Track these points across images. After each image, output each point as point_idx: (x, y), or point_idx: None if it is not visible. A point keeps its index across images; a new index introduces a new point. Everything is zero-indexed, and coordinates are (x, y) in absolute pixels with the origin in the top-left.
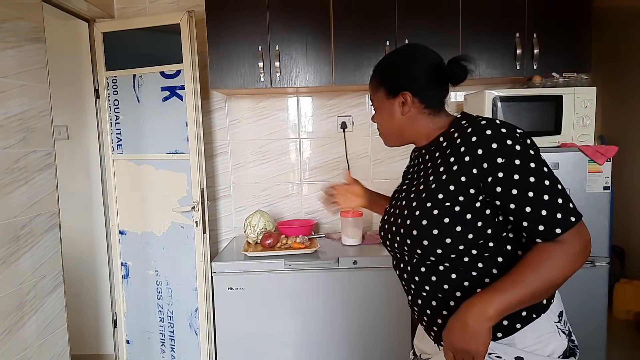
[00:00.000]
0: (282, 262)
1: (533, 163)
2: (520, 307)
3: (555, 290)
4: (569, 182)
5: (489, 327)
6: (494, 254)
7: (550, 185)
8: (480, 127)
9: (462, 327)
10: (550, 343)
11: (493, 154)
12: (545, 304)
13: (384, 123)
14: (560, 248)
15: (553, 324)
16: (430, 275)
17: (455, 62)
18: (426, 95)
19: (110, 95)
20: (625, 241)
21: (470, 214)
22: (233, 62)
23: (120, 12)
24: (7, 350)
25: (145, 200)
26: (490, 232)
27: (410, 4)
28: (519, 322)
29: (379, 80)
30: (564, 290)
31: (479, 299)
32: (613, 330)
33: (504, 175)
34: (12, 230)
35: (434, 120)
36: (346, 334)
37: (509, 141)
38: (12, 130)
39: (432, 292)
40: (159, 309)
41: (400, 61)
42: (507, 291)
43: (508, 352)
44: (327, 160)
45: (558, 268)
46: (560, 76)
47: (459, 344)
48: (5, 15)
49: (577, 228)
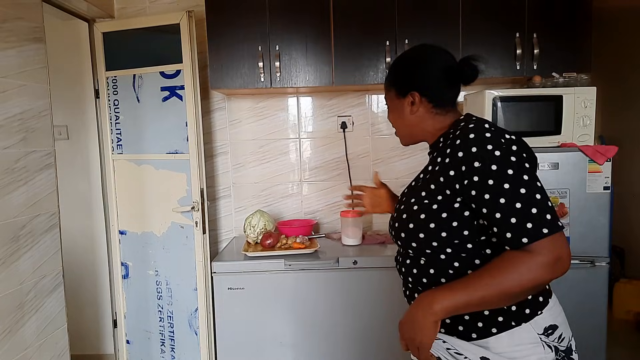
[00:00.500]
0: (282, 262)
1: (511, 170)
2: (469, 310)
3: (513, 300)
4: (569, 182)
5: (433, 322)
6: (471, 255)
7: (526, 194)
8: (466, 130)
9: (410, 318)
10: (531, 355)
11: (471, 158)
12: (528, 313)
13: (396, 122)
14: (525, 258)
15: (536, 335)
16: (413, 268)
17: (466, 62)
18: (435, 95)
19: (110, 95)
20: (625, 241)
21: (446, 213)
22: (233, 62)
23: (120, 12)
24: (7, 350)
25: (145, 200)
26: (467, 234)
27: (410, 4)
28: (494, 327)
29: (390, 80)
30: (563, 290)
31: (430, 294)
32: (613, 330)
33: (479, 180)
34: (12, 230)
35: (441, 120)
36: (346, 334)
37: (489, 146)
38: (12, 130)
39: (414, 284)
40: (159, 309)
41: (410, 62)
42: (457, 292)
43: (472, 351)
44: (327, 160)
45: (517, 277)
46: (560, 76)
47: (407, 334)
48: (5, 15)
49: (550, 240)
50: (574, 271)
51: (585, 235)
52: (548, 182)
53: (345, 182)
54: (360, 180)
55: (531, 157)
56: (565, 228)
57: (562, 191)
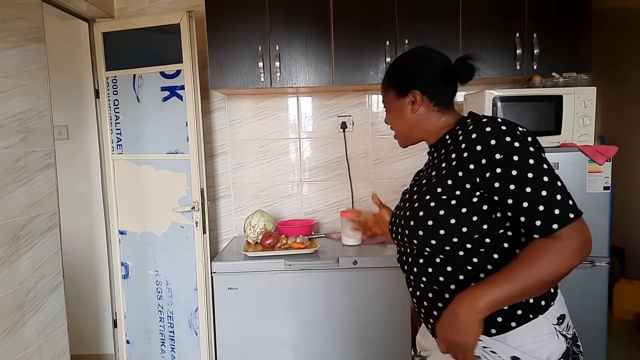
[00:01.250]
0: (282, 262)
1: (532, 160)
2: (512, 302)
3: (548, 287)
4: (569, 182)
5: (478, 320)
6: (489, 250)
7: (549, 182)
8: (481, 124)
9: (453, 319)
10: (547, 345)
11: (491, 150)
12: (543, 305)
13: (395, 123)
14: (557, 244)
15: (551, 326)
16: (427, 267)
17: (463, 61)
18: (435, 93)
19: (110, 95)
20: (625, 241)
21: (466, 208)
22: (233, 62)
23: (120, 12)
24: (7, 350)
25: (145, 200)
26: (486, 228)
27: (410, 5)
28: (513, 321)
29: (389, 81)
30: (563, 291)
31: (471, 292)
32: (613, 330)
33: (502, 171)
34: (12, 230)
35: (442, 118)
36: (346, 334)
37: (507, 138)
38: (12, 130)
39: (428, 284)
40: (159, 309)
41: (409, 62)
42: (499, 286)
43: (504, 350)
44: (327, 160)
45: (552, 264)
46: (560, 76)
47: (449, 335)
48: (5, 15)
49: (575, 224)
50: (574, 271)
51: None
52: None
53: (346, 182)
54: (360, 180)
55: (542, 148)
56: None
57: None
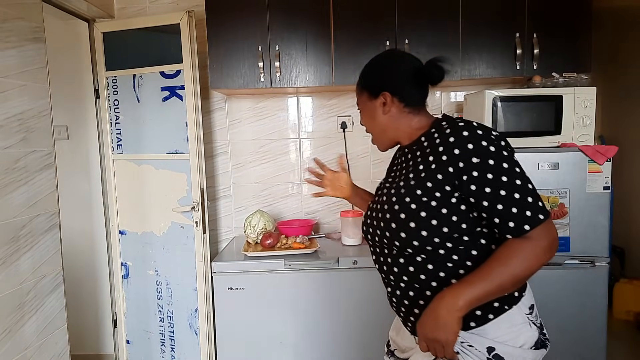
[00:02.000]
0: (282, 262)
1: (506, 163)
2: (489, 299)
3: (522, 283)
4: (569, 182)
5: (458, 318)
6: (468, 247)
7: (522, 185)
8: (458, 128)
9: (434, 317)
10: (522, 334)
11: (469, 154)
12: (517, 296)
13: (368, 125)
14: (528, 244)
15: (524, 315)
16: (408, 266)
17: (433, 64)
18: (405, 94)
19: (110, 95)
20: (625, 241)
21: (446, 209)
22: (233, 62)
23: (120, 12)
24: (7, 350)
25: (145, 200)
26: (464, 227)
27: (410, 4)
28: (491, 313)
29: (362, 84)
30: (563, 290)
31: (450, 292)
32: (613, 330)
33: (479, 175)
34: (12, 230)
35: (414, 119)
36: (346, 334)
37: (484, 142)
38: (12, 130)
39: (409, 283)
40: (159, 309)
41: (380, 64)
42: (476, 284)
43: (480, 342)
44: (327, 160)
45: (525, 263)
46: (560, 76)
47: (430, 334)
48: (5, 15)
49: (544, 225)
50: (574, 271)
51: (585, 235)
52: (548, 182)
53: None
54: (360, 180)
55: (514, 151)
56: (566, 228)
57: (562, 191)
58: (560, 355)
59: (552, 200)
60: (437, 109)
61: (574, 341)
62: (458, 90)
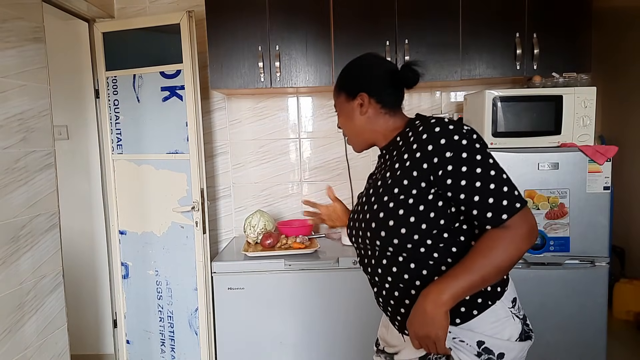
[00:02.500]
0: (282, 262)
1: (479, 155)
2: (474, 291)
3: (504, 273)
4: (569, 182)
5: (445, 312)
6: (448, 244)
7: (496, 175)
8: (430, 125)
9: (421, 314)
10: (506, 327)
11: (442, 149)
12: (499, 291)
13: (346, 126)
14: (507, 233)
15: (507, 309)
16: (392, 267)
17: (408, 67)
18: (382, 96)
19: (110, 95)
20: (625, 241)
21: (423, 205)
22: (233, 62)
23: (120, 12)
24: (7, 350)
25: (145, 200)
26: (443, 223)
27: (410, 4)
28: (475, 309)
29: (339, 85)
30: (563, 290)
31: (434, 287)
32: (613, 330)
33: (453, 168)
34: (12, 230)
35: (390, 120)
36: (346, 334)
37: (455, 136)
38: (12, 130)
39: (394, 283)
40: (159, 309)
41: (358, 66)
42: (459, 277)
43: (469, 337)
44: (327, 160)
45: (506, 252)
46: (560, 76)
47: (420, 331)
48: (5, 15)
49: (522, 213)
50: (574, 271)
51: (585, 235)
52: (548, 182)
53: (346, 182)
54: (360, 180)
55: (486, 144)
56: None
57: (562, 191)
58: (560, 355)
59: (552, 200)
60: (437, 109)
61: (574, 341)
62: (458, 90)
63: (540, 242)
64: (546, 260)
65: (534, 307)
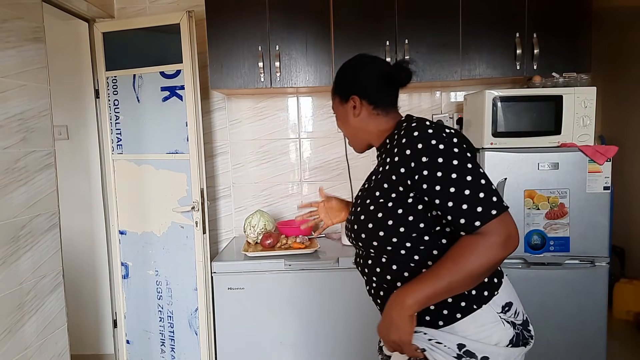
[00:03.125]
0: (282, 262)
1: (456, 160)
2: (442, 298)
3: (478, 281)
4: (569, 182)
5: (409, 317)
6: (429, 247)
7: (472, 181)
8: (410, 129)
9: (388, 320)
10: (494, 332)
11: (418, 154)
12: (486, 295)
13: (343, 128)
14: (481, 240)
15: (496, 314)
16: (376, 267)
17: (399, 66)
18: (374, 97)
19: (110, 95)
20: (625, 241)
21: (402, 209)
22: (233, 62)
23: (120, 12)
24: (7, 350)
25: (145, 200)
26: (422, 226)
27: (410, 4)
28: (459, 312)
29: (333, 89)
30: (563, 290)
31: (399, 293)
32: (613, 330)
33: (429, 173)
34: (12, 230)
35: (383, 121)
36: (346, 334)
37: (433, 141)
38: (12, 130)
39: (379, 282)
40: (159, 309)
41: (348, 69)
42: (424, 283)
43: (449, 339)
44: (327, 160)
45: (478, 259)
46: (560, 76)
47: (386, 336)
48: (5, 15)
49: (499, 220)
50: (574, 271)
51: (585, 235)
52: (548, 182)
53: (346, 182)
54: (360, 180)
55: (471, 147)
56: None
57: (562, 191)
58: (560, 355)
59: (552, 200)
60: (437, 109)
61: (574, 341)
62: (458, 90)
63: (540, 242)
64: (546, 260)
65: (534, 307)
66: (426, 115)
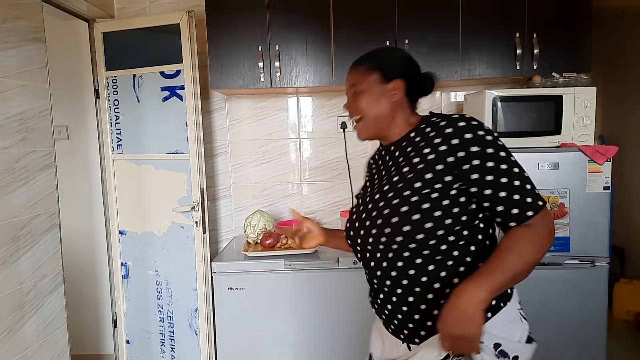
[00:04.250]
0: (282, 262)
1: (503, 152)
2: (505, 289)
3: (530, 271)
4: (569, 182)
5: (481, 311)
6: (467, 243)
7: (519, 173)
8: (454, 120)
9: (458, 314)
10: (517, 329)
11: (468, 143)
12: (509, 292)
13: (367, 107)
14: (533, 231)
15: (517, 310)
16: (408, 270)
17: (427, 76)
18: (415, 90)
19: (110, 95)
20: (625, 241)
21: (447, 200)
22: (233, 62)
23: (120, 12)
24: (7, 350)
25: (145, 200)
26: (464, 219)
27: (410, 4)
28: (489, 311)
29: (375, 64)
30: (563, 290)
31: (469, 285)
32: (613, 330)
33: (480, 163)
34: (12, 230)
35: (408, 115)
36: (346, 334)
37: (480, 132)
38: (12, 130)
39: (409, 287)
40: (159, 309)
41: (402, 53)
42: (493, 274)
43: (488, 339)
44: (327, 160)
45: (533, 250)
46: (560, 76)
47: (456, 331)
48: (5, 15)
49: (544, 212)
50: (574, 271)
51: (585, 235)
52: (548, 182)
53: (346, 182)
54: (360, 180)
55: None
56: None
57: (562, 191)
58: (560, 355)
59: (552, 200)
60: (437, 109)
61: (574, 341)
62: (458, 90)
63: None
64: (546, 260)
65: (534, 307)
66: None
